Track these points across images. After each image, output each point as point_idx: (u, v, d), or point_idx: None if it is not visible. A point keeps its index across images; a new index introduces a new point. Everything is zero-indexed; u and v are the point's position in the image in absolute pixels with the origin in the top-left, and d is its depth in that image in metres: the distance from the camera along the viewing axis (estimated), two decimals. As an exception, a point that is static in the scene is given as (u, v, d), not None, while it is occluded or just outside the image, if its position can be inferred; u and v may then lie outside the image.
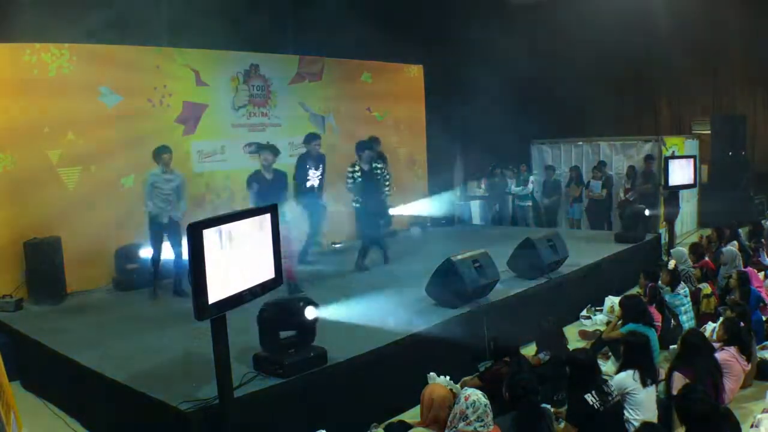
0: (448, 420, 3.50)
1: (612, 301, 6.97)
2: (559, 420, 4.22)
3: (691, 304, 6.38)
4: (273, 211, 4.04)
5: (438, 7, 11.25)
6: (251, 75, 9.16)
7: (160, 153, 6.81)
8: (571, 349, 5.03)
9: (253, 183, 6.82)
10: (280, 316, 4.48)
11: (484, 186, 12.64)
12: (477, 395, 3.44)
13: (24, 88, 6.95)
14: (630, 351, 4.31)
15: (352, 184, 7.63)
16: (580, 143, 12.22)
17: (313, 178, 7.72)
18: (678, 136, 12.48)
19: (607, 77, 13.22)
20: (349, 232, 9.48)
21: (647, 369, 4.21)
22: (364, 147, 7.78)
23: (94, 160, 7.48)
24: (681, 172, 9.22)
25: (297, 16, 9.75)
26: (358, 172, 7.61)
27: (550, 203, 11.74)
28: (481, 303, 6.04)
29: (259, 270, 3.87)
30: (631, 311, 5.37)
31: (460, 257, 5.98)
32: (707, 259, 7.67)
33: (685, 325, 6.08)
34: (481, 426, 3.37)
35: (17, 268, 6.89)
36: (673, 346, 5.43)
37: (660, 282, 6.37)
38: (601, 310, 7.17)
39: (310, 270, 7.54)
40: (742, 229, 8.88)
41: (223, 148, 8.83)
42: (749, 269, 6.94)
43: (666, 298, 6.23)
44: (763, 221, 9.63)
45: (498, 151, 12.29)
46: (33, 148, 7.06)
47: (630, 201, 10.68)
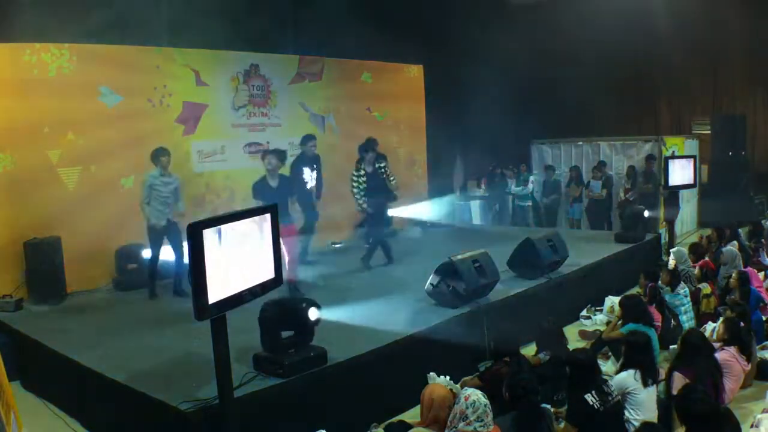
0: (448, 420, 3.50)
1: (612, 301, 6.97)
2: (559, 420, 4.22)
3: (691, 304, 6.38)
4: (273, 211, 4.04)
5: (438, 7, 11.24)
6: (251, 75, 9.15)
7: (159, 155, 6.78)
8: (571, 349, 5.04)
9: (258, 194, 6.47)
10: (282, 316, 4.48)
11: (484, 186, 12.64)
12: (477, 395, 3.44)
13: (24, 88, 6.94)
14: (631, 350, 4.31)
15: (358, 190, 7.64)
16: (580, 143, 12.21)
17: (310, 179, 7.74)
18: (678, 136, 12.49)
19: (607, 77, 13.21)
20: (349, 232, 9.48)
21: (648, 369, 4.21)
22: (367, 149, 7.82)
23: (94, 160, 7.47)
24: (681, 172, 9.21)
25: (297, 16, 9.75)
26: (363, 176, 7.63)
27: (550, 203, 11.73)
28: (481, 303, 6.03)
29: (259, 270, 3.86)
30: (631, 311, 5.38)
31: (460, 257, 5.98)
32: (707, 259, 7.67)
33: (685, 325, 6.09)
34: (481, 426, 3.37)
35: (17, 268, 6.89)
36: (673, 346, 5.43)
37: (660, 282, 6.37)
38: (601, 310, 7.17)
39: (310, 270, 7.53)
40: (742, 229, 8.88)
41: (223, 148, 8.82)
42: (749, 269, 6.94)
43: (666, 298, 6.24)
44: (763, 221, 9.63)
45: (498, 151, 12.30)
46: (33, 148, 7.05)
47: (630, 201, 10.68)
